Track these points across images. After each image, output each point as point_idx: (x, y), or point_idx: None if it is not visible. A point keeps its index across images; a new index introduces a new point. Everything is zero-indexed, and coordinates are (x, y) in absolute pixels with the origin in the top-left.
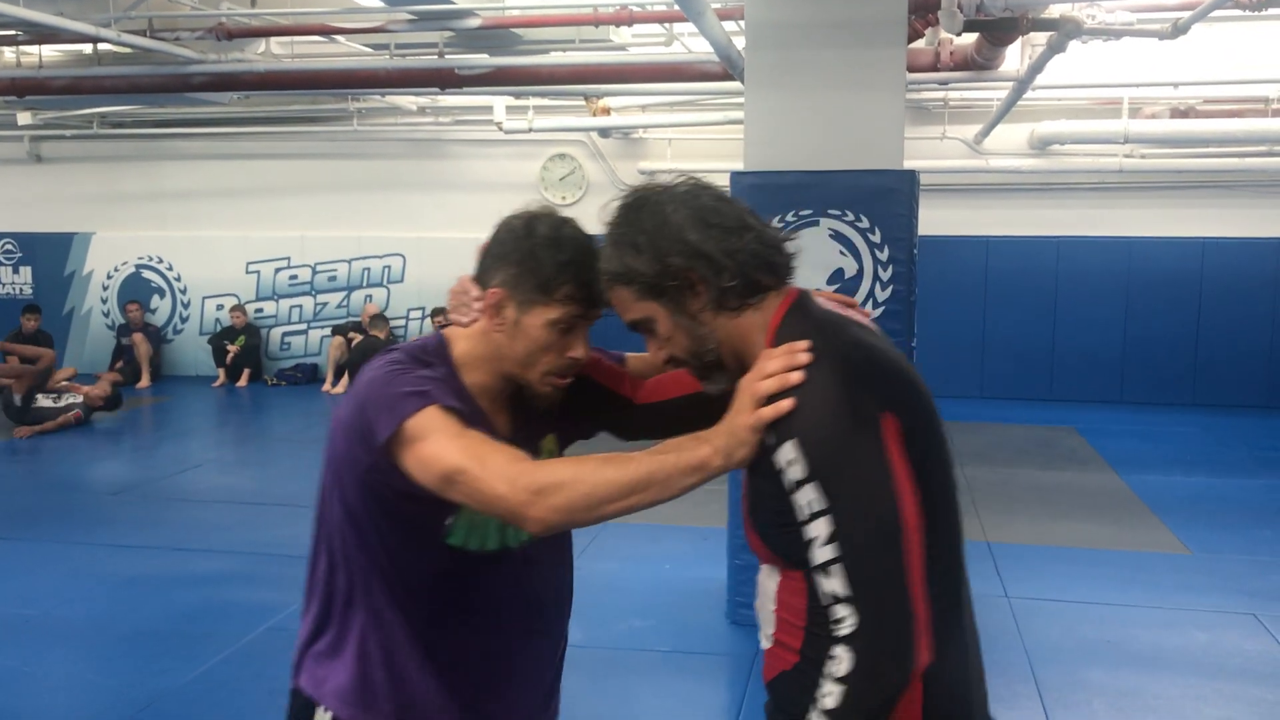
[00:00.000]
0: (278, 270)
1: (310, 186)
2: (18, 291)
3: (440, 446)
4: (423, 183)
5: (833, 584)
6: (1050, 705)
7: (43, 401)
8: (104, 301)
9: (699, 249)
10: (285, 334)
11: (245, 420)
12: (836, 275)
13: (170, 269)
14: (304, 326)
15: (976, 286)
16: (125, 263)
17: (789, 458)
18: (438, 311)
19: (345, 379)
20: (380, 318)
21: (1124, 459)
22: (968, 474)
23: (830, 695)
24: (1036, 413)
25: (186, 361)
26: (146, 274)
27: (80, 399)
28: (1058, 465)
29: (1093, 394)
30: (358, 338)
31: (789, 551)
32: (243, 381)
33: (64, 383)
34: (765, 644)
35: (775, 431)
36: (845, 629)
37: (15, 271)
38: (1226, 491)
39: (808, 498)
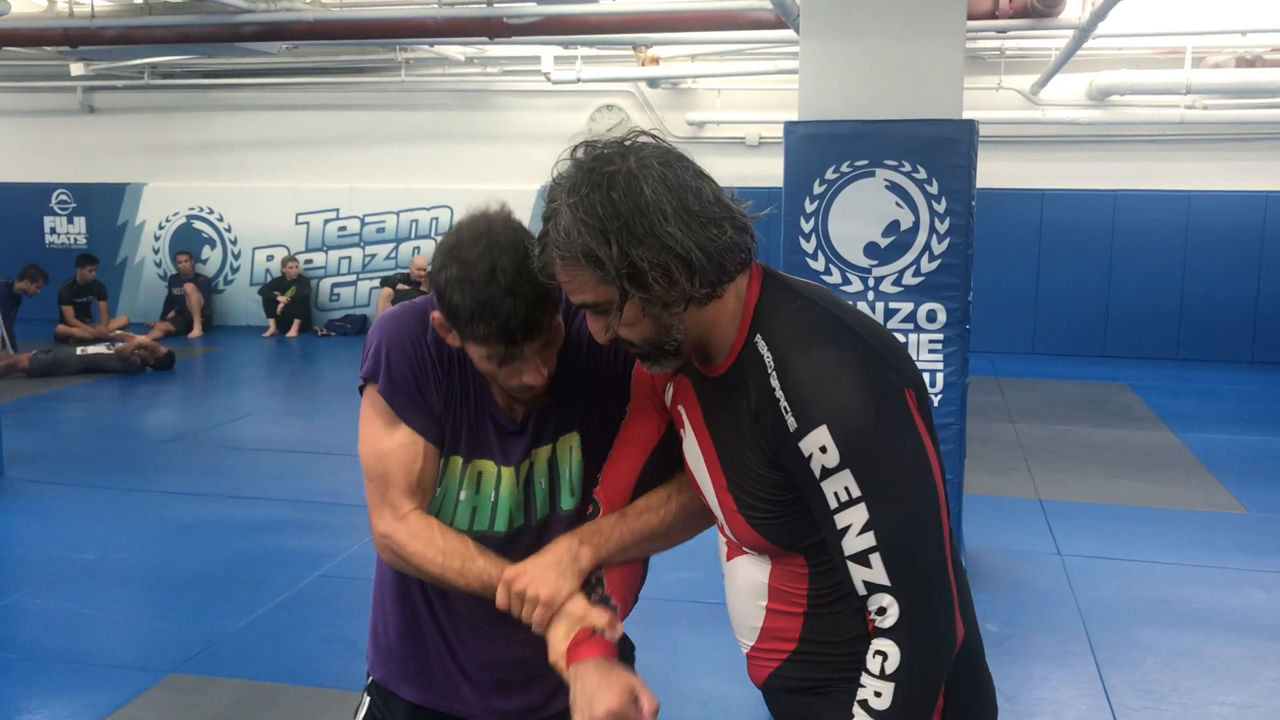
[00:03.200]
0: (327, 221)
1: (358, 138)
2: (73, 241)
3: (367, 436)
4: (470, 134)
5: (871, 573)
6: (1103, 664)
7: (94, 349)
8: (156, 252)
9: (679, 247)
10: (334, 285)
11: (295, 370)
12: (892, 227)
13: (221, 219)
14: (353, 278)
15: (1030, 241)
16: (176, 213)
17: (819, 444)
18: None
19: None
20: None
21: (1179, 417)
22: (1019, 431)
23: (882, 695)
24: (1090, 369)
25: (237, 312)
26: (197, 224)
27: (137, 348)
28: (1111, 423)
29: (1148, 351)
30: (407, 289)
31: (791, 538)
32: (293, 332)
33: (117, 331)
34: (747, 644)
35: (797, 417)
36: (888, 620)
37: (70, 222)
38: None
39: (840, 485)
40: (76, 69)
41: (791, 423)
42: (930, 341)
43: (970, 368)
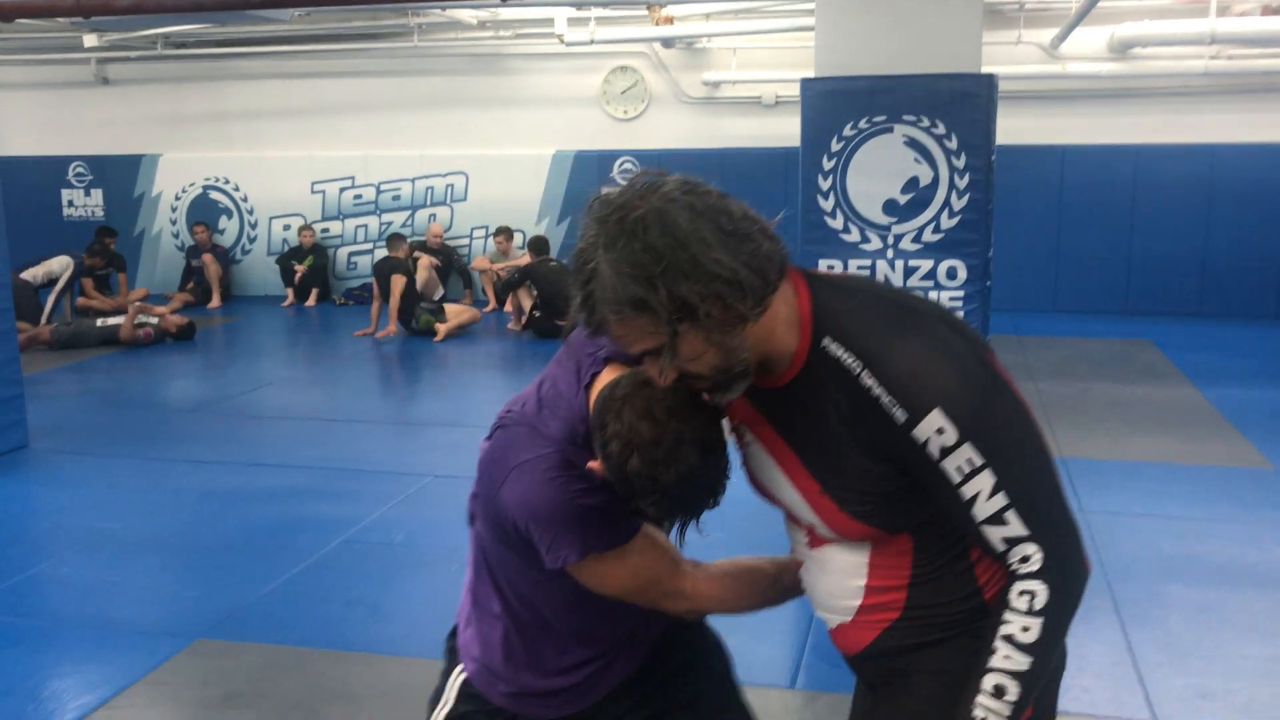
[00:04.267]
0: (342, 190)
1: (372, 105)
2: (90, 214)
3: (613, 581)
4: (484, 99)
5: (1009, 529)
6: (1127, 620)
7: (114, 320)
8: (173, 223)
9: (726, 271)
10: (351, 254)
11: (314, 339)
12: (911, 184)
13: (237, 189)
14: (370, 246)
15: (1051, 197)
16: (193, 184)
17: (935, 426)
18: (500, 231)
19: None
20: (397, 236)
21: (1203, 373)
22: (1041, 389)
23: (1030, 629)
24: (1112, 326)
25: (255, 282)
26: (214, 195)
27: (155, 320)
28: (1134, 379)
29: (1170, 307)
30: (424, 258)
31: (903, 521)
32: (311, 301)
33: (137, 303)
34: (837, 621)
35: (906, 408)
36: (1034, 565)
37: (87, 194)
38: None
39: (962, 459)
40: (89, 40)
41: (900, 415)
42: (950, 299)
43: (991, 325)
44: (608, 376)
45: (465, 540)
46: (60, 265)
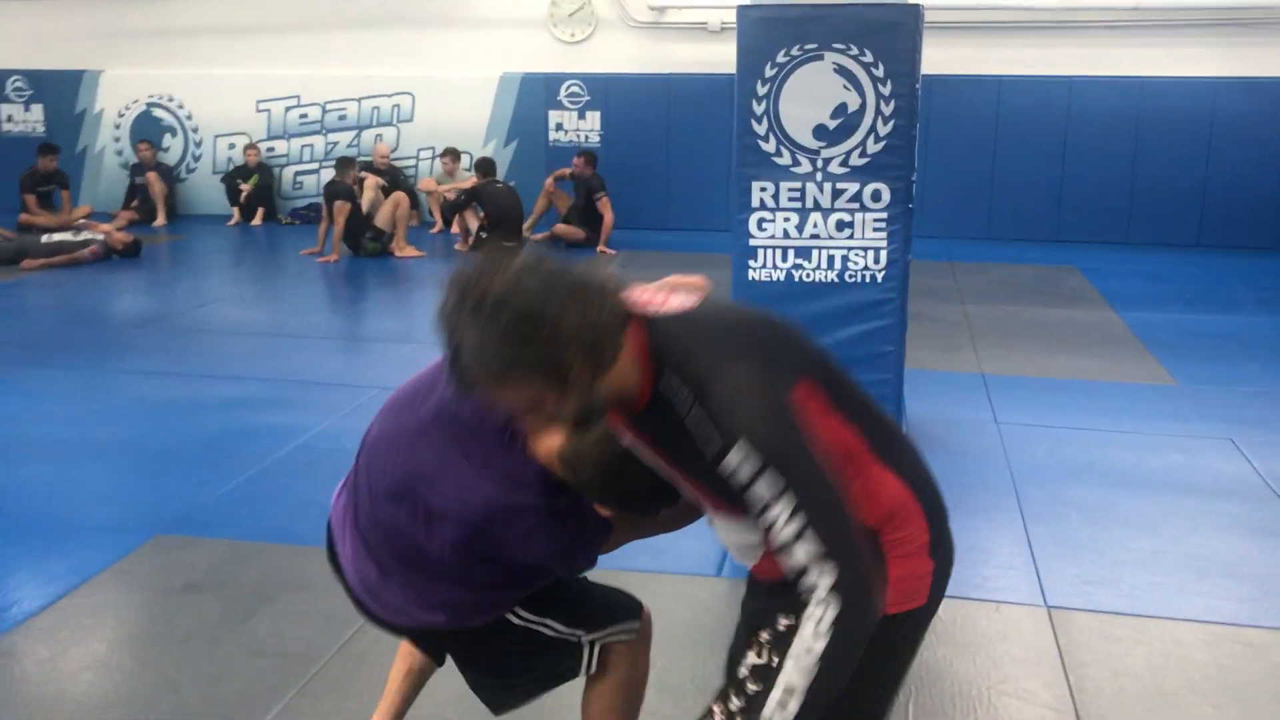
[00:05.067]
0: (288, 109)
1: (317, 23)
2: (31, 130)
3: None
4: (430, 19)
5: (806, 547)
6: (1029, 518)
7: (59, 236)
8: (116, 140)
9: (584, 330)
10: (297, 173)
11: (261, 258)
12: (840, 110)
13: (181, 107)
14: (316, 166)
15: (986, 127)
16: (136, 101)
17: (743, 453)
18: (447, 152)
19: None
20: (346, 160)
21: (1124, 298)
22: (968, 311)
23: (816, 645)
24: (1042, 253)
25: (200, 200)
26: (157, 112)
27: (100, 236)
28: (1058, 304)
29: (1099, 235)
30: (370, 178)
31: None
32: (257, 220)
33: (82, 220)
34: (750, 563)
35: (722, 434)
36: (828, 583)
37: (27, 109)
38: (1221, 328)
39: (767, 481)
40: None
41: (718, 439)
42: (875, 220)
43: (926, 252)
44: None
45: None
46: None
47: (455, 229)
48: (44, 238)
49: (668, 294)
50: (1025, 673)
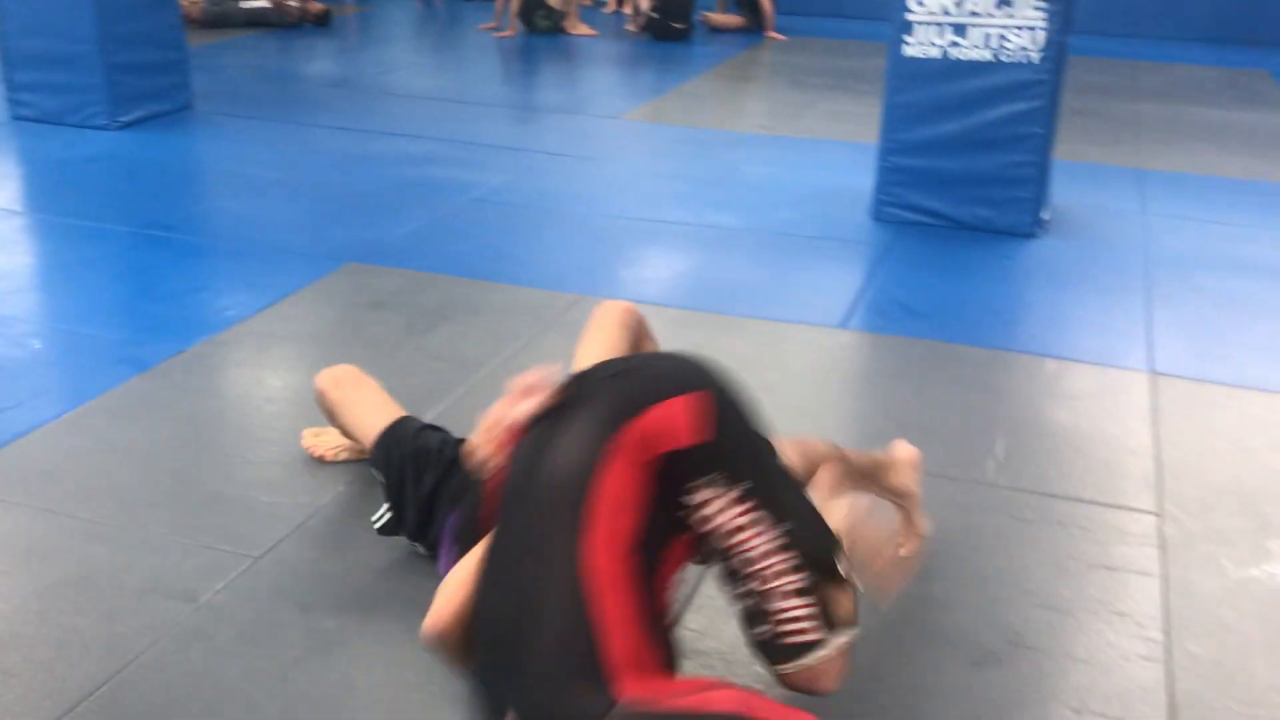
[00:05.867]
0: None
1: None
2: None
3: None
4: None
5: None
6: (1155, 300)
7: (257, 3)
8: None
9: None
10: None
11: (440, 31)
12: None
13: None
14: None
15: None
16: None
17: None
18: None
19: None
20: None
21: None
22: (1139, 109)
23: None
24: (1234, 55)
25: None
26: None
27: (295, 3)
28: (1236, 106)
29: None
30: None
31: None
32: None
33: None
34: None
35: None
36: None
37: None
38: None
39: None
40: None
41: None
42: (1034, 7)
43: (1105, 50)
44: None
45: (574, 209)
46: None
47: (627, 9)
48: (241, 3)
49: (518, 399)
50: (1116, 424)
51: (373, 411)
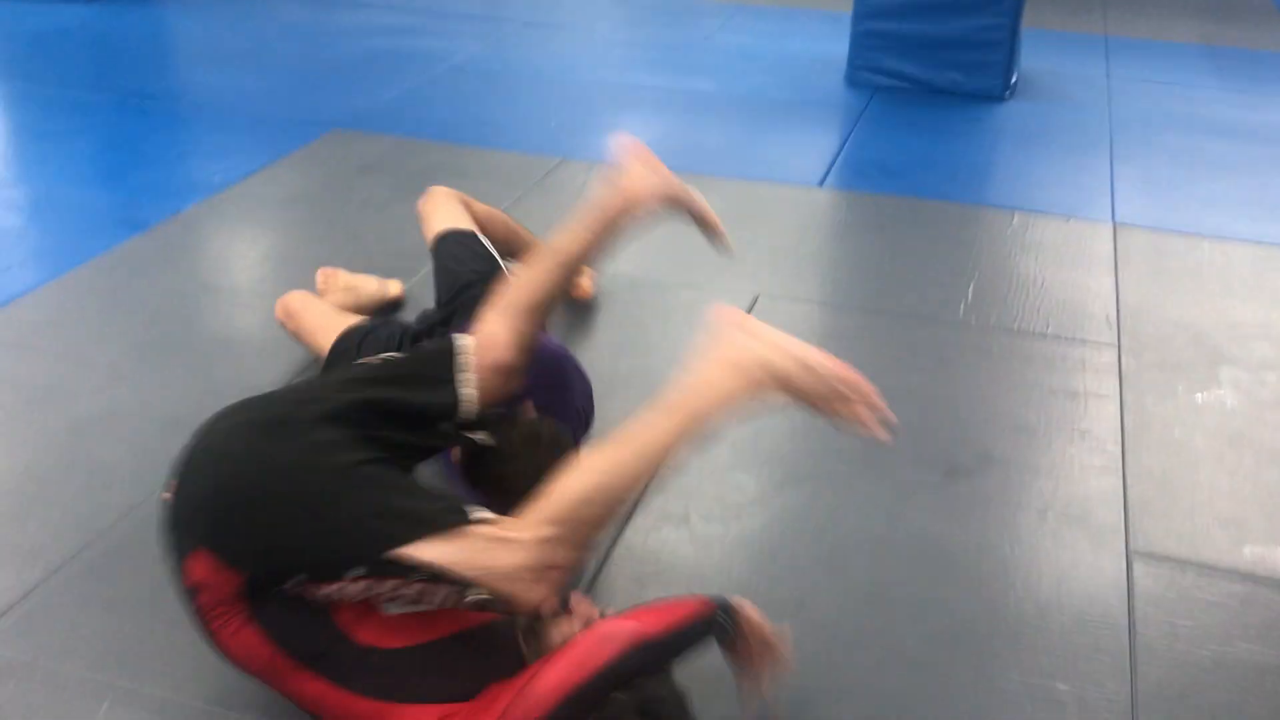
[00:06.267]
0: None
1: None
2: None
3: None
4: None
5: None
6: (1118, 157)
7: None
8: None
9: None
10: None
11: None
12: None
13: None
14: None
15: None
16: None
17: None
18: None
19: None
20: None
21: None
22: None
23: None
24: None
25: None
26: None
27: None
28: None
29: None
30: None
31: None
32: None
33: None
34: None
35: None
36: None
37: None
38: None
39: None
40: None
41: None
42: None
43: None
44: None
45: (551, 76)
46: None
47: None
48: None
49: None
50: (1080, 270)
51: (319, 335)
